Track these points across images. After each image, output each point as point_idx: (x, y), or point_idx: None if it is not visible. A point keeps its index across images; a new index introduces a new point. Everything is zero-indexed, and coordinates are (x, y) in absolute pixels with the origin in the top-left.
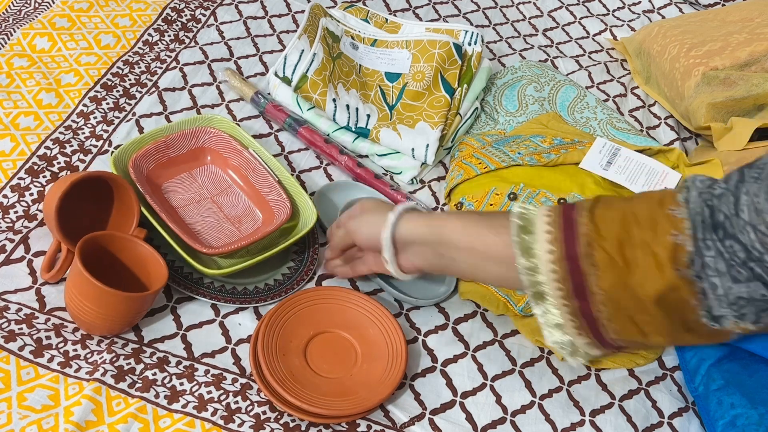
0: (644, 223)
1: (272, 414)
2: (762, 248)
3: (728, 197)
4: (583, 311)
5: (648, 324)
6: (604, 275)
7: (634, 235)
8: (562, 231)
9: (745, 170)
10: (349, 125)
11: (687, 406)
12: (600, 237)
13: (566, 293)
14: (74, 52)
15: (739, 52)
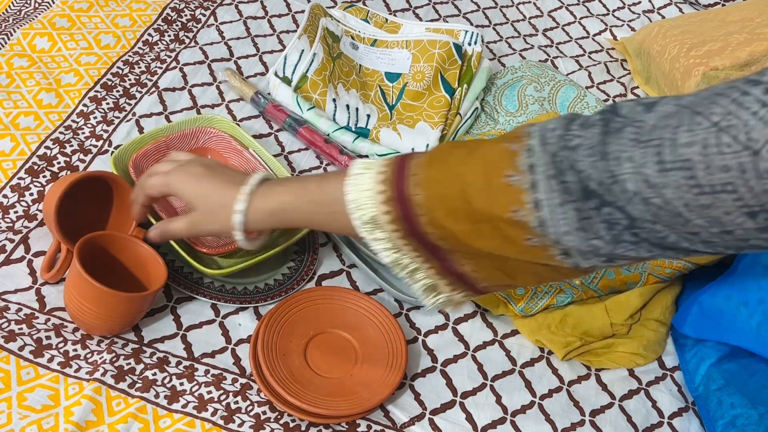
0: (481, 197)
1: (272, 414)
2: (654, 218)
3: (592, 156)
4: (449, 269)
5: (514, 270)
6: (456, 245)
7: (476, 209)
8: (401, 210)
9: (609, 120)
10: (349, 125)
11: (687, 406)
12: (437, 215)
13: (425, 257)
14: (74, 52)
15: (739, 52)
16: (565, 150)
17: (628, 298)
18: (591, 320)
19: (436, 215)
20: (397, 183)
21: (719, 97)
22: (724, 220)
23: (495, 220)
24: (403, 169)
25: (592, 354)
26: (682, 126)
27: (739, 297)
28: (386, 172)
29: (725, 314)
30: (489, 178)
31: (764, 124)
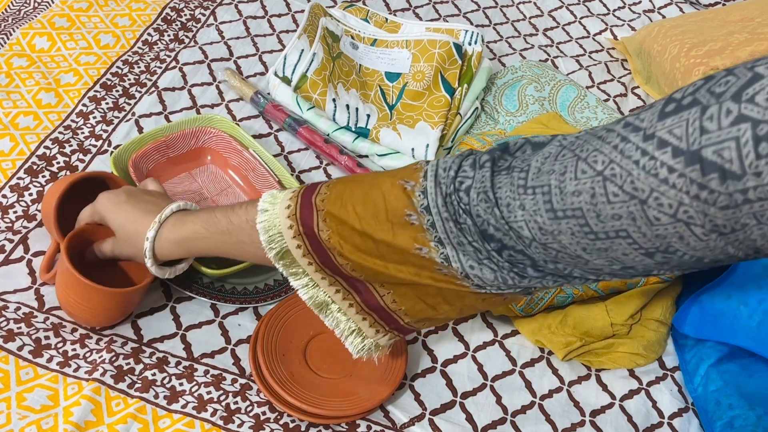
0: (385, 236)
1: (272, 414)
2: (554, 259)
3: (484, 201)
4: (369, 303)
5: (431, 297)
6: (371, 276)
7: (381, 249)
8: (311, 244)
9: (499, 157)
10: (349, 125)
11: (687, 407)
12: (345, 251)
13: (344, 291)
14: (74, 52)
15: (739, 51)
16: (457, 193)
17: (628, 298)
18: (591, 320)
19: (344, 251)
20: (303, 219)
21: (600, 143)
22: (623, 260)
23: (403, 253)
24: (309, 204)
25: (593, 354)
26: (567, 173)
27: (739, 297)
28: (291, 207)
29: (725, 314)
30: (390, 217)
31: (646, 173)
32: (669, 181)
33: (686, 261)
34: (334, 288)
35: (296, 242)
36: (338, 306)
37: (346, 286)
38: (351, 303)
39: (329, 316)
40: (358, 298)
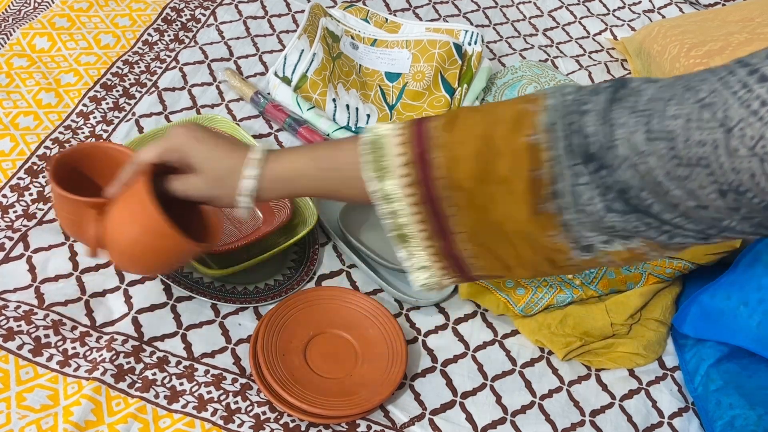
0: (501, 157)
1: (272, 414)
2: (641, 184)
3: (597, 120)
4: (447, 251)
5: (512, 258)
6: (465, 215)
7: (492, 169)
8: (420, 172)
9: (618, 89)
10: (349, 125)
11: (687, 406)
12: (457, 176)
13: (429, 233)
14: (74, 52)
15: (739, 52)
16: (576, 114)
17: (628, 298)
18: (591, 320)
19: (455, 176)
20: (417, 145)
21: (711, 75)
22: (699, 194)
23: (511, 181)
24: (421, 132)
25: (592, 354)
26: (673, 99)
27: (739, 297)
28: (404, 135)
29: (725, 314)
30: (510, 138)
31: (741, 103)
32: (758, 114)
33: (755, 206)
34: (422, 226)
35: (404, 170)
36: (418, 244)
37: (434, 229)
38: (431, 245)
39: (405, 248)
40: (439, 243)
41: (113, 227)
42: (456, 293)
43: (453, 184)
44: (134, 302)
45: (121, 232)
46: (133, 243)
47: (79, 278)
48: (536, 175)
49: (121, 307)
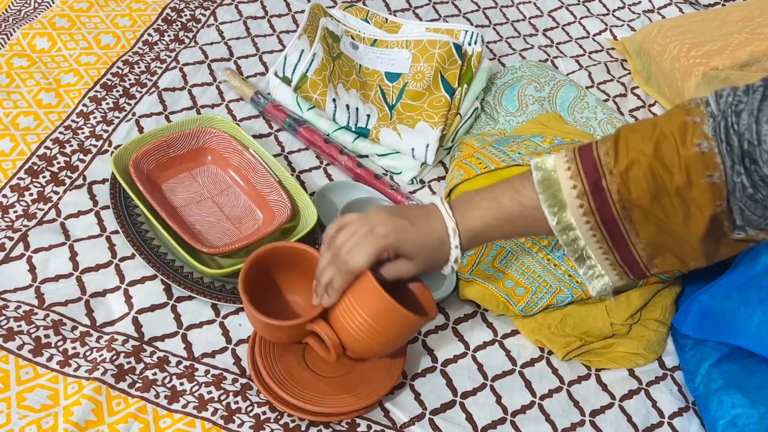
0: (675, 170)
1: (272, 414)
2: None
3: (750, 119)
4: (624, 258)
5: (688, 254)
6: (644, 227)
7: (668, 184)
8: (594, 201)
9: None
10: (349, 125)
11: (687, 406)
12: (633, 197)
13: (606, 248)
14: (74, 52)
15: (739, 52)
16: (733, 115)
17: (628, 298)
18: (591, 320)
19: (631, 197)
20: (588, 174)
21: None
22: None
23: (687, 191)
24: (589, 160)
25: (592, 354)
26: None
27: (739, 297)
28: (572, 167)
29: (725, 314)
30: (680, 151)
31: None
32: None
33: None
34: (598, 245)
35: (579, 201)
36: (596, 258)
37: (610, 245)
38: (608, 257)
39: (584, 265)
40: (616, 254)
41: (348, 328)
42: (456, 293)
43: (629, 204)
44: (134, 302)
45: (359, 329)
46: (376, 335)
47: (79, 278)
48: (711, 181)
49: (122, 307)
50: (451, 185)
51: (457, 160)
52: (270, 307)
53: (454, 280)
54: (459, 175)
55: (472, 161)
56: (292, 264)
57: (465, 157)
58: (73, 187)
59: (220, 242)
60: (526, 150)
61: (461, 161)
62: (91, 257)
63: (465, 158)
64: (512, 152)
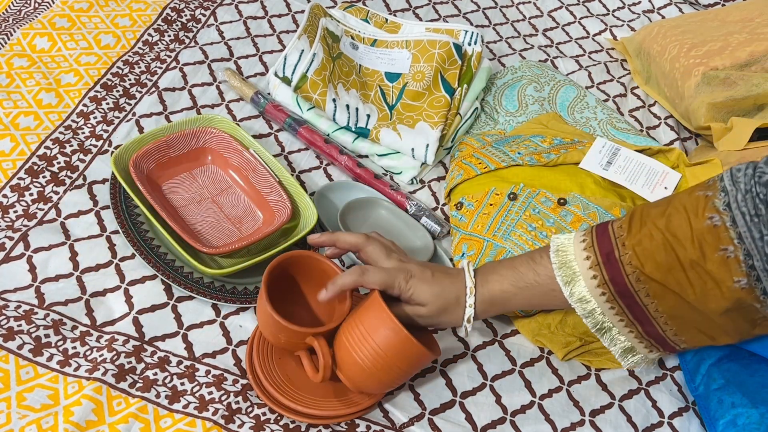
0: (687, 243)
1: (272, 415)
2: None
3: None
4: (649, 332)
5: (715, 330)
6: (662, 302)
7: (681, 257)
8: (607, 272)
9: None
10: (349, 125)
11: (687, 406)
12: (646, 270)
13: (628, 321)
14: (74, 52)
15: (739, 52)
16: (758, 186)
17: None
18: None
19: (645, 270)
20: (602, 246)
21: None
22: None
23: (702, 265)
24: (605, 233)
25: (592, 354)
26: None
27: None
28: (587, 239)
29: None
30: (692, 224)
31: None
32: None
33: None
34: (618, 317)
35: (592, 272)
36: (619, 331)
37: (631, 318)
38: (631, 330)
39: (607, 337)
40: (640, 328)
41: (356, 356)
42: None
43: (643, 277)
44: (135, 302)
45: (362, 351)
46: (384, 365)
47: (79, 278)
48: (725, 255)
49: (122, 306)
50: (451, 185)
51: (457, 160)
52: (280, 309)
53: None
54: (459, 175)
55: (472, 161)
56: (317, 279)
57: (465, 157)
58: (73, 187)
59: (220, 242)
60: (526, 150)
61: (461, 161)
62: (92, 257)
63: (465, 158)
64: (512, 152)
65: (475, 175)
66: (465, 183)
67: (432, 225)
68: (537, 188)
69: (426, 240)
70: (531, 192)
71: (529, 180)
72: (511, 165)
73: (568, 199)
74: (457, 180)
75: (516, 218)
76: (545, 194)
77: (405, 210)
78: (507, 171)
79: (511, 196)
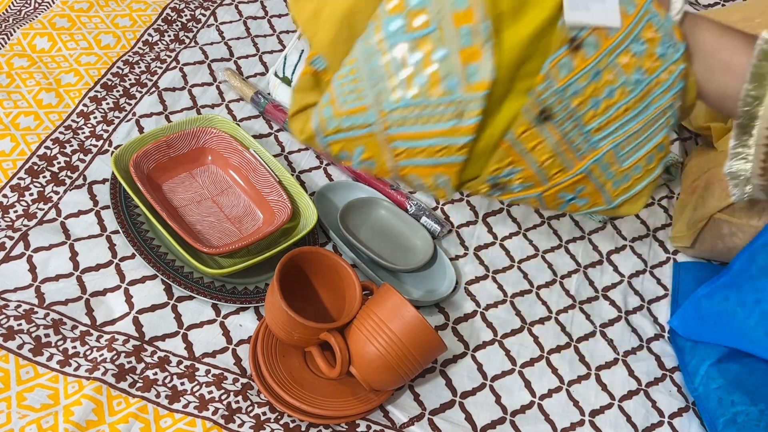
0: None
1: (272, 415)
2: None
3: None
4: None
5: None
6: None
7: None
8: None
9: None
10: None
11: (687, 406)
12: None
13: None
14: (74, 52)
15: None
16: None
17: None
18: None
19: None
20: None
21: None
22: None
23: None
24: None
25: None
26: None
27: (736, 298)
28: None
29: (723, 315)
30: None
31: None
32: None
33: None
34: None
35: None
36: (756, 143)
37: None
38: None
39: (740, 136)
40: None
41: (368, 340)
42: (456, 293)
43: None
44: (135, 302)
45: (379, 340)
46: (395, 348)
47: (79, 278)
48: None
49: (122, 306)
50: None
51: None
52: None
53: (453, 280)
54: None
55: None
56: (326, 274)
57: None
58: (73, 187)
59: (220, 242)
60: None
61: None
62: (92, 257)
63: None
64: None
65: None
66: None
67: (432, 225)
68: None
69: (426, 240)
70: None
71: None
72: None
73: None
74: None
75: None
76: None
77: (405, 210)
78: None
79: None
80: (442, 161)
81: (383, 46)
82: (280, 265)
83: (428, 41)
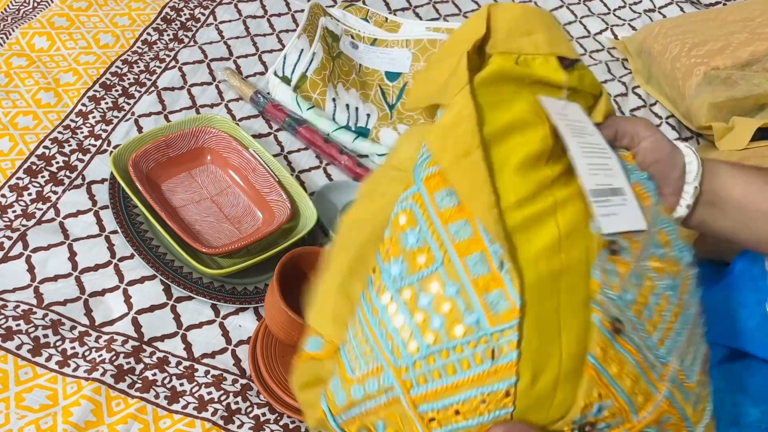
0: None
1: (272, 416)
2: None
3: None
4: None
5: None
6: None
7: None
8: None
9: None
10: (349, 125)
11: None
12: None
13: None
14: (73, 52)
15: (740, 51)
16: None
17: None
18: None
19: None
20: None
21: None
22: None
23: None
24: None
25: None
26: None
27: (737, 299)
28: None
29: (722, 316)
30: None
31: None
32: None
33: None
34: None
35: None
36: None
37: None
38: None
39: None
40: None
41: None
42: None
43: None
44: (134, 302)
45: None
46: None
47: (78, 278)
48: None
49: (121, 307)
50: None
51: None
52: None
53: None
54: None
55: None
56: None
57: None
58: (72, 187)
59: (219, 242)
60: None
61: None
62: (90, 257)
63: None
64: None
65: None
66: None
67: None
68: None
69: None
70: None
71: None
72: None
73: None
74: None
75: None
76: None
77: None
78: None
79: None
80: (487, 419)
81: (387, 295)
82: (279, 266)
83: (435, 278)
